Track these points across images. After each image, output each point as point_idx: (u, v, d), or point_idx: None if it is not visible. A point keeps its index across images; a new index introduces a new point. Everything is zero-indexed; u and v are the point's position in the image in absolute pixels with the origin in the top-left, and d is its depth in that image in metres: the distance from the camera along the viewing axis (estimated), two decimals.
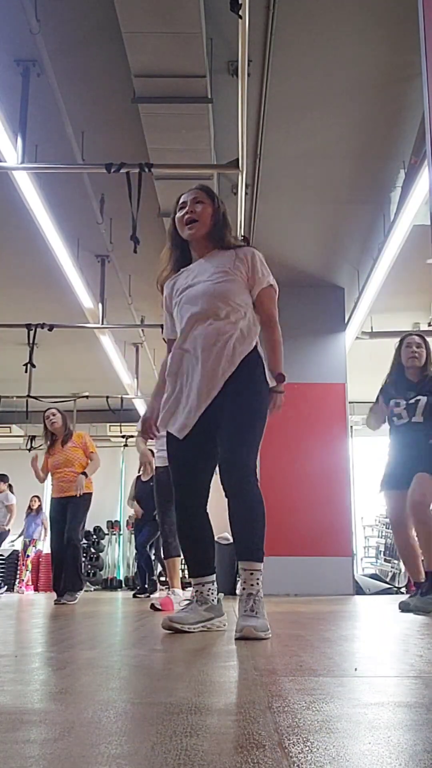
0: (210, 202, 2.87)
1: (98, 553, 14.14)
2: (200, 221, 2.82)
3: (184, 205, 2.86)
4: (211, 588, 2.80)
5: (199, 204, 2.84)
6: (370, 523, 13.07)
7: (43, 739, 0.96)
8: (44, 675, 1.68)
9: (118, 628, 3.47)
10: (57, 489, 6.19)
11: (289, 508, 7.88)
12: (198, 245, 2.87)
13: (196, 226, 2.82)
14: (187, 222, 2.82)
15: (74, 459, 6.18)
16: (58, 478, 6.18)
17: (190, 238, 2.85)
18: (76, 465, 6.17)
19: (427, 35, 2.33)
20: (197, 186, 2.98)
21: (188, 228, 2.83)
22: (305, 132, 5.87)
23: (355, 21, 4.79)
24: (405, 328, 9.96)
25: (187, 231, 2.84)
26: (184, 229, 2.84)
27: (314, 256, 7.91)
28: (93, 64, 5.13)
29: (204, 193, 2.90)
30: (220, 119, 5.37)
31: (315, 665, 1.73)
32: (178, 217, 2.86)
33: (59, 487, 6.16)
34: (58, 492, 6.17)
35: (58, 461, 6.19)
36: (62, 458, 6.18)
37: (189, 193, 2.91)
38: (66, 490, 6.10)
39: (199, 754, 0.87)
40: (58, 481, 6.18)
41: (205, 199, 2.87)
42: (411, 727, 1.03)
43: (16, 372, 8.26)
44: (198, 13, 4.26)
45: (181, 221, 2.84)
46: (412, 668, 1.75)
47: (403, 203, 6.14)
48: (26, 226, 6.45)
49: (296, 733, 0.97)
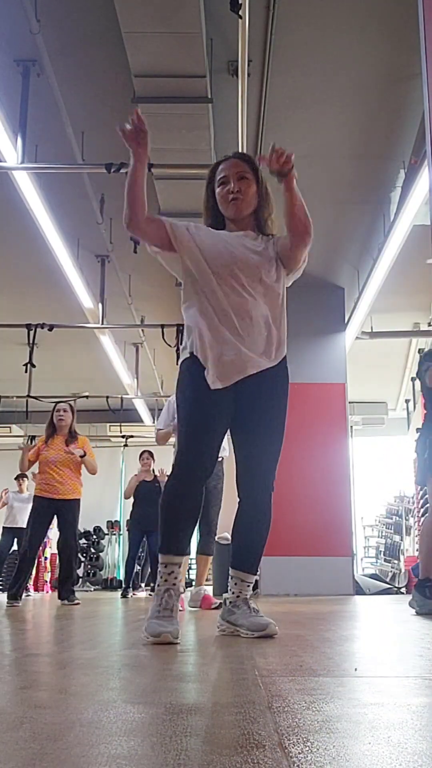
0: (254, 177, 2.61)
1: (98, 553, 14.14)
2: (245, 200, 2.58)
3: (226, 180, 2.60)
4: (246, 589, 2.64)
5: (243, 180, 2.59)
6: (370, 523, 13.08)
7: (43, 739, 0.96)
8: (44, 675, 1.68)
9: (118, 628, 3.47)
10: (46, 488, 5.92)
11: (289, 508, 7.88)
12: (240, 222, 2.64)
13: (241, 205, 2.58)
14: (231, 200, 2.58)
15: (73, 460, 6.00)
16: (51, 477, 5.93)
17: (235, 217, 2.61)
18: (72, 466, 6.01)
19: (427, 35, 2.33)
20: (236, 154, 2.71)
21: (233, 205, 2.58)
22: (305, 132, 5.87)
23: (355, 21, 4.79)
24: (405, 328, 9.97)
25: (231, 210, 2.60)
26: (228, 207, 2.60)
27: (314, 256, 7.86)
28: (93, 64, 5.13)
29: (247, 164, 2.63)
30: (220, 119, 5.37)
31: (315, 665, 1.73)
32: (220, 193, 2.61)
33: (50, 487, 5.91)
34: (48, 492, 5.90)
35: (55, 458, 5.97)
36: (61, 456, 5.98)
37: (228, 162, 2.63)
38: (59, 491, 5.89)
39: (199, 754, 0.87)
40: (50, 479, 5.93)
41: (248, 173, 2.60)
42: (411, 727, 1.03)
43: (16, 372, 8.25)
44: (198, 13, 4.27)
45: (224, 198, 2.59)
46: (412, 668, 1.75)
47: (403, 203, 6.15)
48: (26, 226, 6.45)
49: (296, 733, 0.97)
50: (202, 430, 2.46)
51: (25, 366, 7.50)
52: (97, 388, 11.53)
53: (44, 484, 5.96)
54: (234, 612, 2.54)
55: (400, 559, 11.07)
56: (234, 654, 2.02)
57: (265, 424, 2.56)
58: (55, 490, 5.92)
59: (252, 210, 2.63)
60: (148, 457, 8.32)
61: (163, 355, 10.34)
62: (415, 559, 8.90)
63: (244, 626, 2.46)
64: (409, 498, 11.49)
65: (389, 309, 9.01)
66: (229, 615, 2.56)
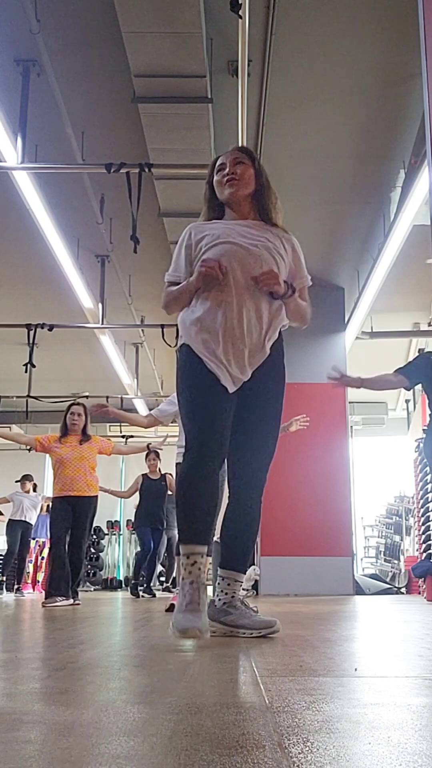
0: (251, 163, 2.63)
1: (98, 553, 14.15)
2: (241, 181, 2.58)
3: (223, 166, 2.61)
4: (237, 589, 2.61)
5: (240, 164, 2.60)
6: (370, 523, 13.07)
7: (43, 739, 0.96)
8: (44, 675, 1.68)
9: (118, 629, 3.47)
10: (63, 487, 5.96)
11: (289, 508, 7.89)
12: (239, 207, 2.61)
13: (237, 184, 2.57)
14: (227, 181, 2.57)
15: (88, 457, 6.00)
16: (66, 475, 5.95)
17: (231, 197, 2.59)
18: (87, 463, 6.00)
19: (427, 35, 2.33)
20: (235, 146, 2.75)
21: (228, 185, 2.57)
22: (305, 132, 5.87)
23: (355, 21, 4.79)
24: (405, 328, 9.97)
25: (227, 190, 2.58)
26: (224, 189, 2.59)
27: (314, 257, 7.89)
28: (93, 64, 5.13)
29: (244, 153, 2.66)
30: (220, 119, 5.37)
31: (315, 665, 1.73)
32: (217, 179, 2.61)
33: (66, 485, 5.93)
34: (65, 490, 5.94)
35: (70, 455, 5.97)
36: (76, 454, 5.97)
37: (227, 154, 2.66)
38: (74, 488, 5.91)
39: (199, 754, 0.87)
40: (65, 477, 5.95)
41: (245, 159, 2.62)
42: (411, 727, 1.03)
43: (16, 372, 8.26)
44: (198, 13, 4.27)
45: (220, 182, 2.59)
46: (412, 668, 1.75)
47: (403, 203, 6.15)
48: (26, 226, 6.45)
49: (296, 733, 0.97)
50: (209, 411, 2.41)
51: (25, 366, 7.50)
52: (97, 388, 11.53)
53: (61, 484, 6.00)
54: (230, 613, 2.49)
55: (400, 559, 11.06)
56: (234, 654, 2.02)
57: (264, 424, 2.55)
58: (70, 487, 5.95)
59: (249, 192, 2.61)
60: (154, 458, 8.35)
61: (163, 355, 10.34)
62: (415, 559, 8.90)
63: (245, 626, 2.44)
64: (409, 498, 11.48)
65: (389, 309, 9.02)
66: (223, 616, 2.50)
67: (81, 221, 6.88)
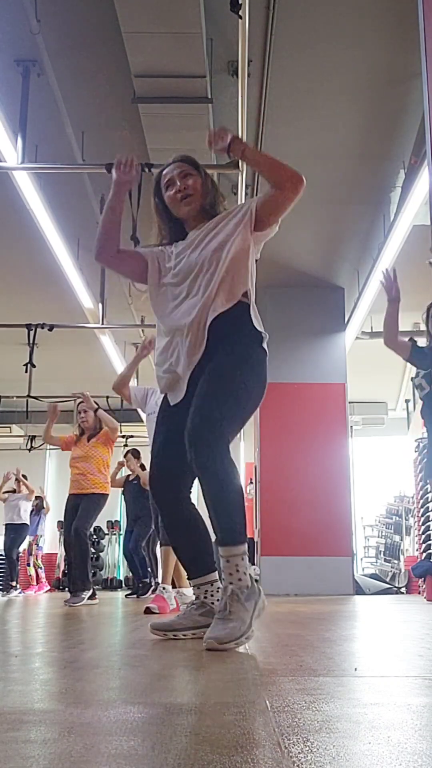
0: (197, 172, 2.65)
1: (98, 553, 14.15)
2: (194, 195, 2.60)
3: (172, 181, 2.63)
4: (209, 590, 2.45)
5: (188, 177, 2.62)
6: (370, 523, 13.07)
7: (43, 739, 0.96)
8: (44, 675, 1.68)
9: (118, 629, 3.47)
10: (73, 485, 6.20)
11: (289, 508, 7.89)
12: (194, 220, 2.63)
13: (193, 200, 2.60)
14: (182, 198, 2.59)
15: (94, 455, 6.19)
16: (74, 473, 6.19)
17: (189, 214, 2.62)
18: (94, 462, 6.18)
19: (427, 35, 2.33)
20: (177, 157, 2.72)
21: (185, 204, 2.60)
22: (305, 132, 5.87)
23: (355, 21, 4.79)
24: (405, 328, 9.89)
25: (185, 208, 2.60)
26: (180, 207, 2.61)
27: (314, 256, 7.91)
28: (93, 64, 5.13)
29: (187, 164, 2.67)
30: (220, 119, 5.37)
31: (315, 665, 1.73)
32: (170, 195, 2.62)
33: (76, 483, 6.17)
34: (74, 488, 6.18)
35: (77, 456, 6.21)
36: (83, 453, 6.20)
37: (171, 167, 2.66)
38: (81, 486, 6.12)
39: (199, 754, 0.87)
40: (75, 475, 6.19)
41: (191, 170, 2.65)
42: (411, 727, 1.03)
43: (16, 372, 8.25)
44: (198, 13, 4.27)
45: (175, 199, 2.61)
46: (412, 668, 1.75)
47: (403, 203, 6.15)
48: (26, 226, 6.45)
49: (296, 733, 0.97)
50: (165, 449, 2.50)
51: (25, 366, 7.50)
52: (97, 388, 11.52)
53: (72, 482, 6.23)
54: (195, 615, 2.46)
55: (400, 559, 11.06)
56: (234, 654, 2.02)
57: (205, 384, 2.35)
58: (79, 486, 6.16)
59: (204, 202, 2.62)
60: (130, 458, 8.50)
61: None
62: (415, 559, 8.90)
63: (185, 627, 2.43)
64: (409, 498, 11.48)
65: None
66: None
67: (81, 221, 6.87)
